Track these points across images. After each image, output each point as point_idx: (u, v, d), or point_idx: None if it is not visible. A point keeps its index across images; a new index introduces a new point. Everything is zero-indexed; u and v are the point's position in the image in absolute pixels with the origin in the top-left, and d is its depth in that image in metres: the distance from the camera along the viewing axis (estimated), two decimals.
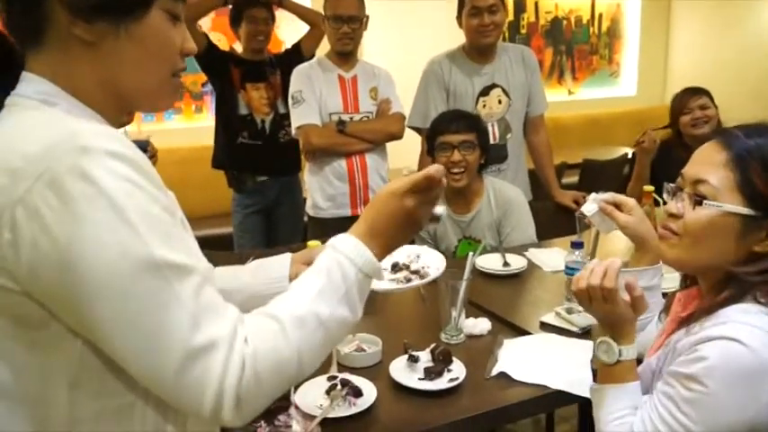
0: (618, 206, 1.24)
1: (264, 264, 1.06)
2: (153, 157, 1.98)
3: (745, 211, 0.91)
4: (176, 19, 0.75)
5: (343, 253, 0.79)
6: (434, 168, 0.84)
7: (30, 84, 0.70)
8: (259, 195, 2.88)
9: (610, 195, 1.25)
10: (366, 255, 0.79)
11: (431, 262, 1.16)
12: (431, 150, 2.17)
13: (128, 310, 0.62)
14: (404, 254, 1.20)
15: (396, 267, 1.19)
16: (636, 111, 5.96)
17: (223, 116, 2.87)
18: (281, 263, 1.04)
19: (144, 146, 1.91)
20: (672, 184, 1.02)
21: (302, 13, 3.00)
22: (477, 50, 2.45)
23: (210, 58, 2.78)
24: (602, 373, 1.04)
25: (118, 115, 0.77)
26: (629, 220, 1.22)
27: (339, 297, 0.76)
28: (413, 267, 1.18)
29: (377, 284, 0.91)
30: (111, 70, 0.72)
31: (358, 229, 0.82)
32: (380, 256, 0.82)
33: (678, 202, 0.99)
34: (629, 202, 1.24)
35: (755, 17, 5.77)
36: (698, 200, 0.95)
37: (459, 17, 2.45)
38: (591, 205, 1.25)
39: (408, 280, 1.15)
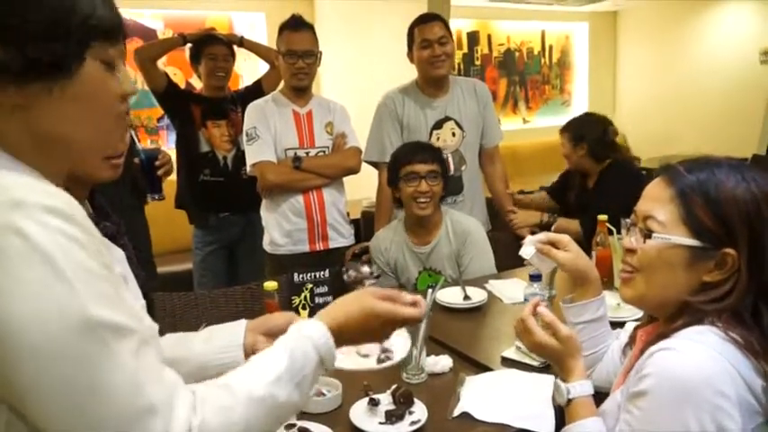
0: (554, 244, 1.25)
1: (217, 331, 1.03)
2: (166, 164, 1.92)
3: (692, 242, 0.94)
4: (111, 66, 0.72)
5: (311, 339, 0.79)
6: (419, 312, 0.89)
7: None
8: (221, 232, 2.84)
9: (544, 236, 1.26)
10: (330, 347, 0.80)
11: (397, 344, 1.10)
12: (393, 180, 2.18)
13: (60, 374, 0.58)
14: None
15: None
16: None
17: (184, 154, 2.83)
18: (234, 331, 1.02)
19: (155, 155, 1.87)
20: (628, 220, 1.06)
21: (262, 53, 3.01)
22: (430, 83, 2.48)
23: (170, 96, 2.76)
24: (567, 414, 1.06)
25: (60, 171, 0.72)
26: (567, 256, 1.24)
27: (296, 382, 0.76)
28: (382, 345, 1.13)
29: (340, 363, 0.91)
30: (48, 128, 0.68)
31: (329, 321, 0.82)
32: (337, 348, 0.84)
33: (632, 236, 1.02)
34: (563, 239, 1.25)
35: (697, 47, 6.06)
36: (647, 234, 0.98)
37: (409, 52, 2.48)
38: (528, 248, 1.25)
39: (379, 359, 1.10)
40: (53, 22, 0.65)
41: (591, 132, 2.61)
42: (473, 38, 5.76)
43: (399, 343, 1.06)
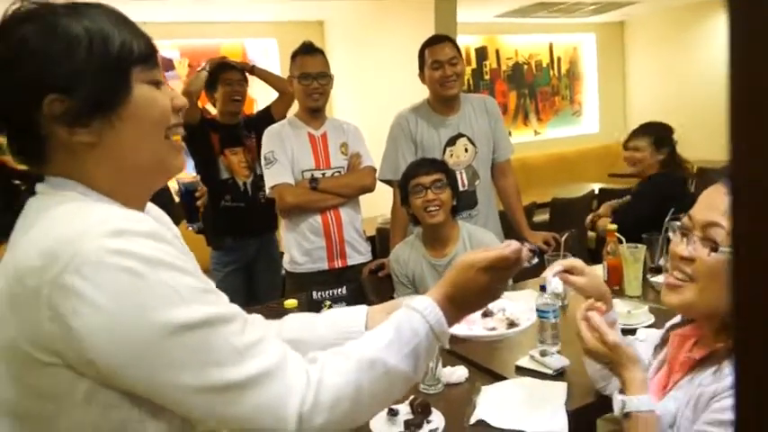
0: (569, 271, 1.26)
1: (339, 316, 1.07)
2: (203, 195, 2.03)
3: None
4: (159, 84, 0.80)
5: (417, 309, 0.82)
6: (510, 249, 0.87)
7: (56, 181, 0.75)
8: (238, 252, 2.92)
9: (560, 266, 1.27)
10: (438, 316, 0.82)
11: (520, 313, 1.16)
12: (405, 198, 2.25)
13: (181, 364, 0.68)
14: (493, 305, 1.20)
15: (486, 314, 1.21)
16: (600, 147, 6.18)
17: (205, 183, 2.93)
18: (355, 317, 1.05)
19: (194, 187, 1.97)
20: (678, 224, 1.03)
21: (271, 81, 3.12)
22: (442, 102, 2.56)
23: (197, 128, 2.88)
24: (624, 429, 1.01)
25: (141, 198, 0.83)
26: (585, 282, 1.24)
27: (407, 352, 0.79)
28: (504, 316, 1.20)
29: (470, 331, 0.94)
30: (119, 157, 0.77)
31: (435, 293, 0.85)
32: (451, 323, 0.85)
33: (689, 245, 0.98)
34: (578, 264, 1.26)
35: (704, 54, 6.08)
36: (713, 246, 0.94)
37: (421, 73, 2.56)
38: (555, 282, 1.29)
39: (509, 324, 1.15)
40: (97, 62, 0.74)
41: (671, 139, 2.65)
42: (481, 53, 5.84)
43: (524, 314, 1.10)
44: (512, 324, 1.08)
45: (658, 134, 2.66)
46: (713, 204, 0.97)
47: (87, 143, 0.74)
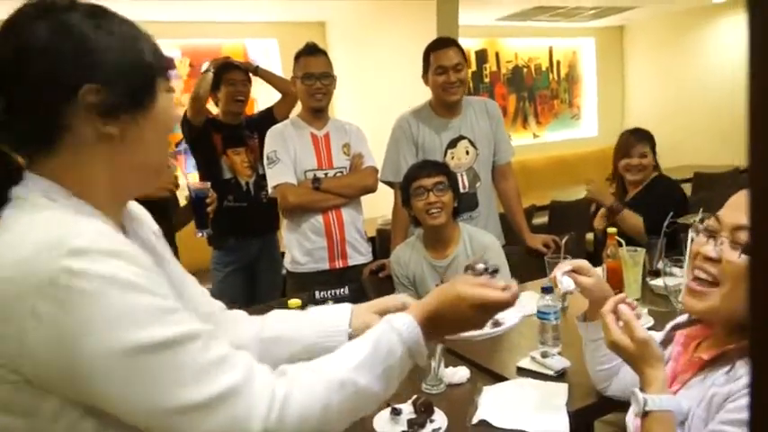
0: (576, 271, 1.28)
1: (323, 315, 1.07)
2: (213, 202, 2.02)
3: None
4: (172, 91, 0.85)
5: (396, 330, 0.82)
6: (511, 294, 0.86)
7: (32, 182, 0.75)
8: (239, 252, 2.92)
9: (569, 265, 1.28)
10: (417, 337, 0.82)
11: (506, 314, 1.14)
12: (407, 200, 2.26)
13: (143, 384, 0.67)
14: None
15: None
16: (599, 150, 6.19)
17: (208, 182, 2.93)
18: (339, 316, 1.05)
19: (205, 193, 1.97)
20: (701, 225, 1.02)
21: (274, 82, 3.13)
22: (444, 105, 2.57)
23: (200, 129, 2.89)
24: (642, 427, 1.00)
25: (118, 211, 0.83)
26: (591, 282, 1.26)
27: (379, 372, 0.79)
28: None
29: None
30: (134, 153, 0.79)
31: (418, 312, 0.85)
32: (431, 340, 0.85)
33: (717, 245, 0.98)
34: (584, 264, 1.28)
35: (703, 59, 6.11)
36: (744, 248, 0.94)
37: (425, 75, 2.57)
38: (567, 281, 1.28)
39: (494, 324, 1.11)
40: (134, 63, 0.78)
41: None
42: (481, 56, 5.87)
43: (509, 313, 1.06)
44: (496, 324, 1.07)
45: (653, 139, 2.68)
46: (743, 207, 0.97)
47: (111, 135, 0.77)
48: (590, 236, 2.76)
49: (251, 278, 2.99)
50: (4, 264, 0.67)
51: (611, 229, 2.12)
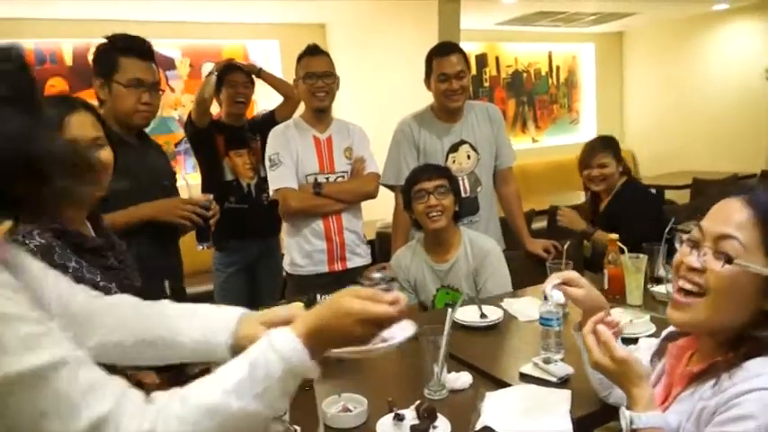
0: (566, 283, 1.26)
1: (205, 323, 1.03)
2: (216, 214, 1.97)
3: None
4: None
5: (278, 351, 0.78)
6: (398, 309, 0.83)
7: None
8: (240, 253, 2.92)
9: (558, 278, 1.27)
10: (300, 355, 0.79)
11: (399, 331, 1.12)
12: (408, 203, 2.26)
13: (10, 417, 0.65)
14: None
15: None
16: None
17: (210, 183, 2.92)
18: (224, 327, 1.02)
19: (206, 205, 1.93)
20: (685, 235, 1.02)
21: (277, 85, 3.13)
22: (446, 111, 2.57)
23: (202, 130, 2.88)
24: None
25: None
26: (580, 293, 1.25)
27: (256, 393, 0.76)
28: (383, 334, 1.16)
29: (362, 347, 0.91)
30: None
31: (301, 328, 0.81)
32: (317, 356, 0.82)
33: (700, 255, 0.97)
34: (574, 275, 1.27)
35: (703, 65, 6.13)
36: (727, 258, 0.93)
37: (427, 79, 2.57)
38: (557, 294, 1.28)
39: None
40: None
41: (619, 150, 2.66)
42: (481, 60, 5.87)
43: (397, 329, 1.03)
44: (383, 340, 1.05)
45: (615, 146, 2.69)
46: (726, 217, 0.96)
47: None
48: (587, 242, 2.77)
49: (252, 280, 2.99)
50: None
51: (613, 236, 2.12)
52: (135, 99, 1.90)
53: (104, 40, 1.93)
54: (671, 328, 1.15)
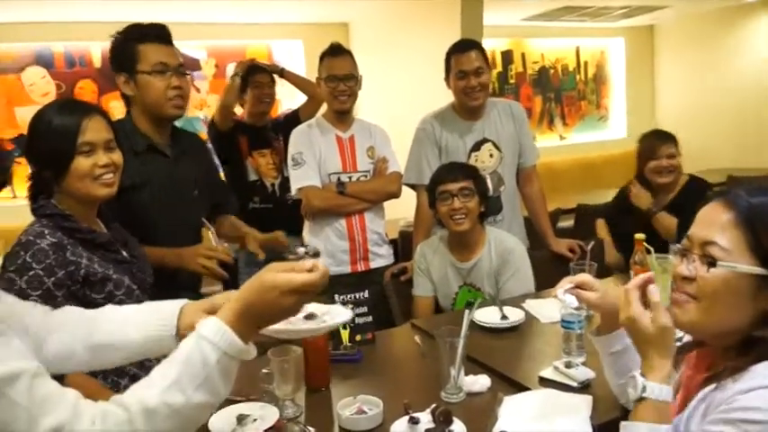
0: (580, 286, 1.24)
1: (150, 319, 1.06)
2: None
3: (759, 271, 0.90)
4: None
5: (206, 338, 0.81)
6: (319, 274, 0.85)
7: None
8: (265, 252, 2.92)
9: (570, 282, 1.24)
10: (230, 338, 0.81)
11: (338, 313, 1.11)
12: (432, 202, 2.24)
13: None
14: (319, 308, 1.13)
15: (309, 317, 1.11)
16: (628, 152, 6.02)
17: (234, 184, 2.94)
18: (168, 318, 1.04)
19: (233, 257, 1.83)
20: (678, 245, 1.01)
21: (301, 84, 3.14)
22: (467, 109, 2.54)
23: (226, 132, 2.90)
24: (634, 410, 0.99)
25: None
26: (595, 297, 1.22)
27: (197, 384, 0.79)
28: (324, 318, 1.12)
29: (291, 326, 0.92)
30: None
31: (227, 312, 0.84)
32: (249, 337, 0.84)
33: (689, 264, 0.98)
34: (587, 279, 1.24)
35: (736, 60, 5.95)
36: (711, 261, 0.94)
37: (446, 78, 2.54)
38: (570, 298, 1.24)
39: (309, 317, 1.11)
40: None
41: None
42: (507, 57, 5.80)
43: (337, 312, 1.06)
44: (310, 317, 1.04)
45: (676, 140, 2.61)
46: (711, 222, 0.97)
47: None
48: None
49: None
50: None
51: (640, 236, 2.06)
52: (164, 85, 1.78)
53: (117, 35, 1.83)
54: (687, 339, 1.12)
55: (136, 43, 1.78)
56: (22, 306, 1.06)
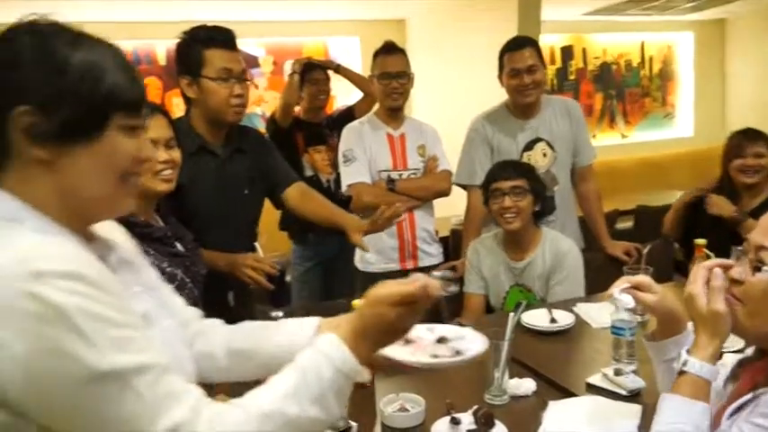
0: (637, 287, 1.20)
1: (291, 327, 1.07)
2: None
3: None
4: (134, 130, 0.81)
5: (323, 352, 0.81)
6: (415, 286, 0.84)
7: (2, 200, 0.76)
8: (319, 247, 2.97)
9: (626, 282, 1.20)
10: (346, 356, 0.81)
11: (472, 344, 1.08)
12: (487, 200, 2.23)
13: (90, 413, 0.68)
14: (451, 331, 1.12)
15: (441, 341, 1.12)
16: (694, 152, 5.82)
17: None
18: (307, 329, 1.04)
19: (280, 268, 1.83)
20: (739, 249, 1.02)
21: (356, 81, 3.17)
22: (520, 107, 2.49)
23: (285, 129, 2.97)
24: (674, 383, 1.02)
25: (82, 225, 0.82)
26: (653, 299, 1.18)
27: (312, 397, 0.78)
28: (456, 346, 1.10)
29: (412, 357, 0.92)
30: (68, 183, 0.77)
31: (343, 330, 0.84)
32: (363, 358, 0.83)
33: (742, 267, 0.99)
34: (646, 280, 1.20)
35: None
36: (757, 266, 0.95)
37: (499, 76, 2.50)
38: (626, 298, 1.20)
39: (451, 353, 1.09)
40: (80, 95, 0.76)
41: None
42: (567, 52, 5.65)
43: (473, 342, 1.03)
44: (457, 353, 1.01)
45: (766, 140, 2.47)
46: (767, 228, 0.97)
47: (41, 160, 0.75)
48: (677, 244, 2.60)
49: (329, 274, 3.03)
50: None
51: (700, 241, 1.98)
52: (227, 92, 1.80)
53: (184, 36, 1.84)
54: (748, 351, 1.09)
55: (202, 48, 1.80)
56: (181, 304, 1.08)
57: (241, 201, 1.96)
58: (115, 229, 0.96)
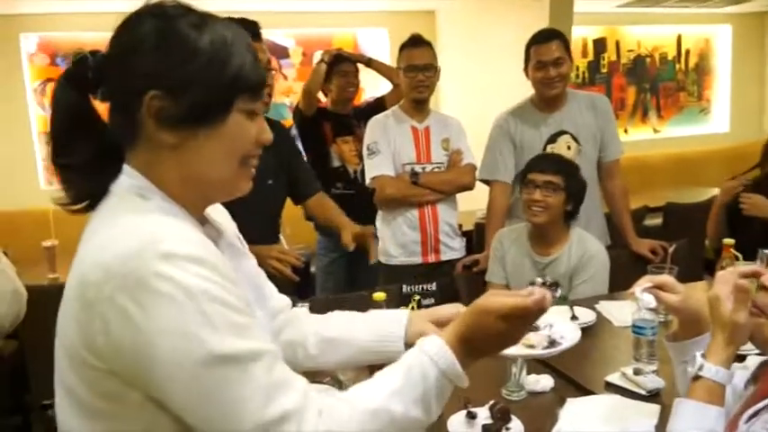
0: (660, 287, 1.18)
1: (380, 320, 1.08)
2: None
3: None
4: (254, 114, 0.83)
5: (428, 353, 0.80)
6: (533, 300, 0.81)
7: (129, 177, 0.80)
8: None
9: (649, 281, 1.18)
10: (450, 359, 0.80)
11: (565, 332, 1.09)
12: (521, 190, 2.23)
13: (206, 393, 0.70)
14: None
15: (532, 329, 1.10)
16: (730, 148, 5.67)
17: (317, 170, 3.03)
18: (397, 322, 1.05)
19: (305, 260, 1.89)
20: (766, 252, 1.02)
21: (387, 73, 3.17)
22: (545, 100, 2.48)
23: (311, 118, 2.99)
24: (689, 388, 1.01)
25: (200, 207, 0.86)
26: (676, 299, 1.16)
27: (415, 397, 0.78)
28: (548, 333, 1.12)
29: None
30: (192, 166, 0.80)
31: (449, 335, 0.82)
32: (466, 364, 0.81)
33: None
34: (669, 280, 1.18)
35: None
36: None
37: (525, 69, 2.48)
38: (647, 297, 1.19)
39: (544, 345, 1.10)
40: (210, 77, 0.78)
41: None
42: (600, 45, 5.55)
43: (568, 328, 1.05)
44: (552, 343, 1.01)
45: None
46: None
47: (168, 143, 0.78)
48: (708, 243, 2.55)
49: (354, 265, 3.05)
50: (100, 259, 0.71)
51: (728, 241, 1.94)
52: None
53: None
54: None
55: None
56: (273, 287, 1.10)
57: (264, 191, 1.98)
58: (219, 211, 0.98)
